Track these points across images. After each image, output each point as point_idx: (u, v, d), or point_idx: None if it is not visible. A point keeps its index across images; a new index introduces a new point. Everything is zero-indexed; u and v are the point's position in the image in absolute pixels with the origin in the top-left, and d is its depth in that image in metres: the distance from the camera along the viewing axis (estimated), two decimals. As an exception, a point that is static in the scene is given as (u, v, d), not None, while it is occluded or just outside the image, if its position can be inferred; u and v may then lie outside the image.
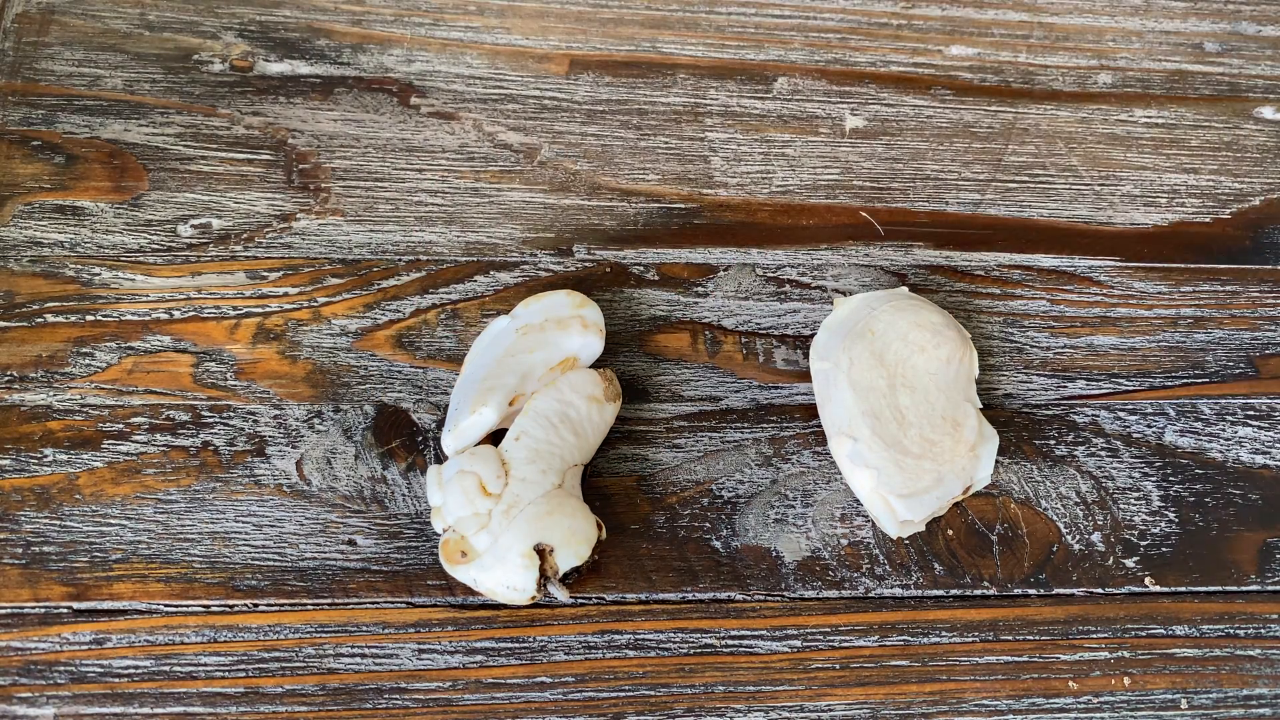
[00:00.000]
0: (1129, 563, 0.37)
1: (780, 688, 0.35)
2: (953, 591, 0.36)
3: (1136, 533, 0.37)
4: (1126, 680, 0.36)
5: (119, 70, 0.43)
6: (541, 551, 0.34)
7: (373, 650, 0.35)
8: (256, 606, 0.35)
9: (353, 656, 0.35)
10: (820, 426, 0.38)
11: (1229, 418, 0.39)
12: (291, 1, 0.45)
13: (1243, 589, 0.37)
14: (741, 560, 0.36)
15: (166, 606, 0.35)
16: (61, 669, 0.34)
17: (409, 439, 0.37)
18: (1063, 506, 0.38)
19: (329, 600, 0.35)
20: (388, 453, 0.37)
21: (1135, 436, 0.39)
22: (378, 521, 0.36)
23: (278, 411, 0.38)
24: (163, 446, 0.37)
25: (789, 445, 0.38)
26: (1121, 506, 0.38)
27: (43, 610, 0.35)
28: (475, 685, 0.35)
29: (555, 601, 0.35)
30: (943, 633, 0.36)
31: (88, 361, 0.38)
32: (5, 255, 0.39)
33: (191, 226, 0.40)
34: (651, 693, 0.35)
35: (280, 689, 0.34)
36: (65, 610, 0.35)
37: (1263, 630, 0.36)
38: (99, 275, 0.39)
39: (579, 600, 0.36)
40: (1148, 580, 0.37)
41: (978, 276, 0.41)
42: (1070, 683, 0.35)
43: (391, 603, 0.35)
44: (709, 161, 0.43)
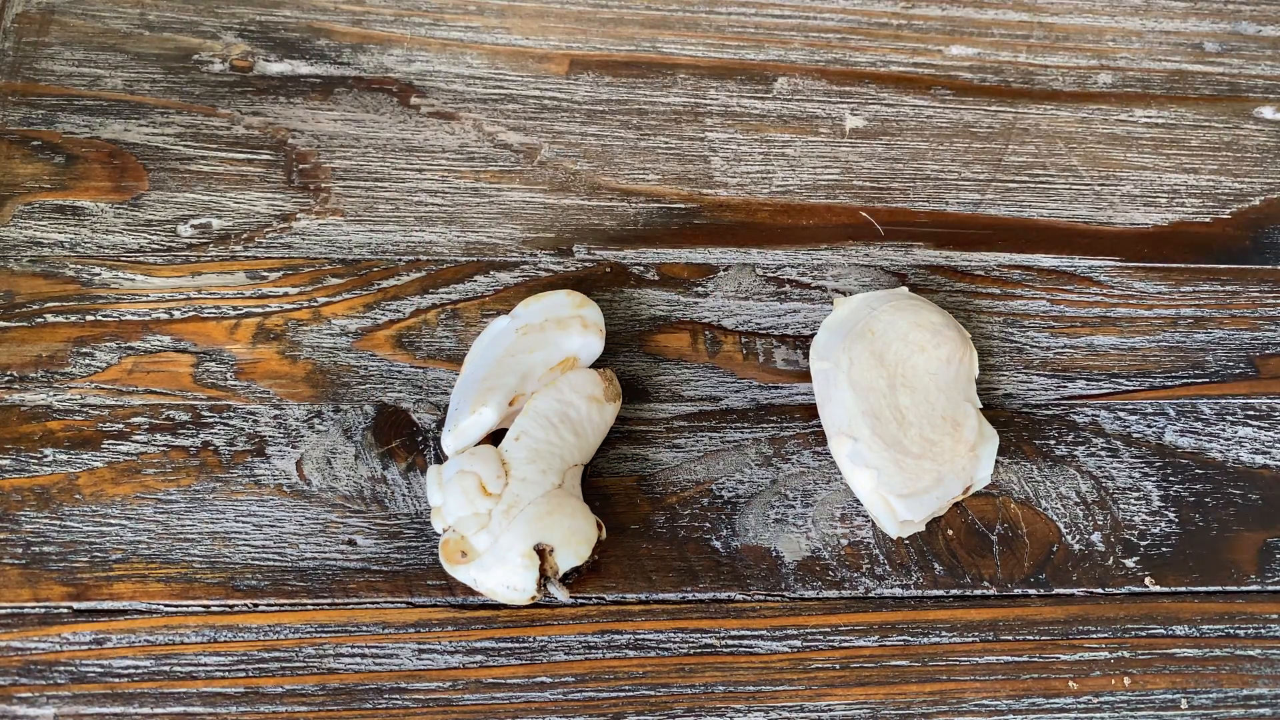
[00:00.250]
0: (1129, 563, 0.37)
1: (780, 688, 0.35)
2: (953, 591, 0.36)
3: (1136, 533, 0.37)
4: (1126, 680, 0.36)
5: (119, 70, 0.43)
6: (541, 551, 0.34)
7: (373, 650, 0.35)
8: (256, 606, 0.35)
9: (353, 656, 0.35)
10: (820, 426, 0.38)
11: (1229, 418, 0.39)
12: (291, 1, 0.45)
13: (1243, 589, 0.37)
14: (741, 560, 0.36)
15: (166, 606, 0.35)
16: (61, 669, 0.34)
17: (409, 439, 0.37)
18: (1063, 506, 0.38)
19: (329, 600, 0.35)
20: (388, 453, 0.37)
21: (1135, 436, 0.39)
22: (378, 521, 0.36)
23: (278, 411, 0.38)
24: (163, 446, 0.37)
25: (789, 445, 0.38)
26: (1121, 506, 0.38)
27: (43, 610, 0.35)
28: (475, 685, 0.35)
29: (555, 601, 0.35)
30: (943, 633, 0.36)
31: (88, 361, 0.38)
32: (5, 255, 0.39)
33: (191, 226, 0.40)
34: (651, 693, 0.35)
35: (280, 689, 0.34)
36: (65, 610, 0.35)
37: (1263, 630, 0.36)
38: (99, 275, 0.39)
39: (579, 600, 0.36)
40: (1148, 580, 0.37)
41: (978, 276, 0.41)
42: (1070, 683, 0.35)
43: (391, 603, 0.35)
44: (709, 161, 0.43)
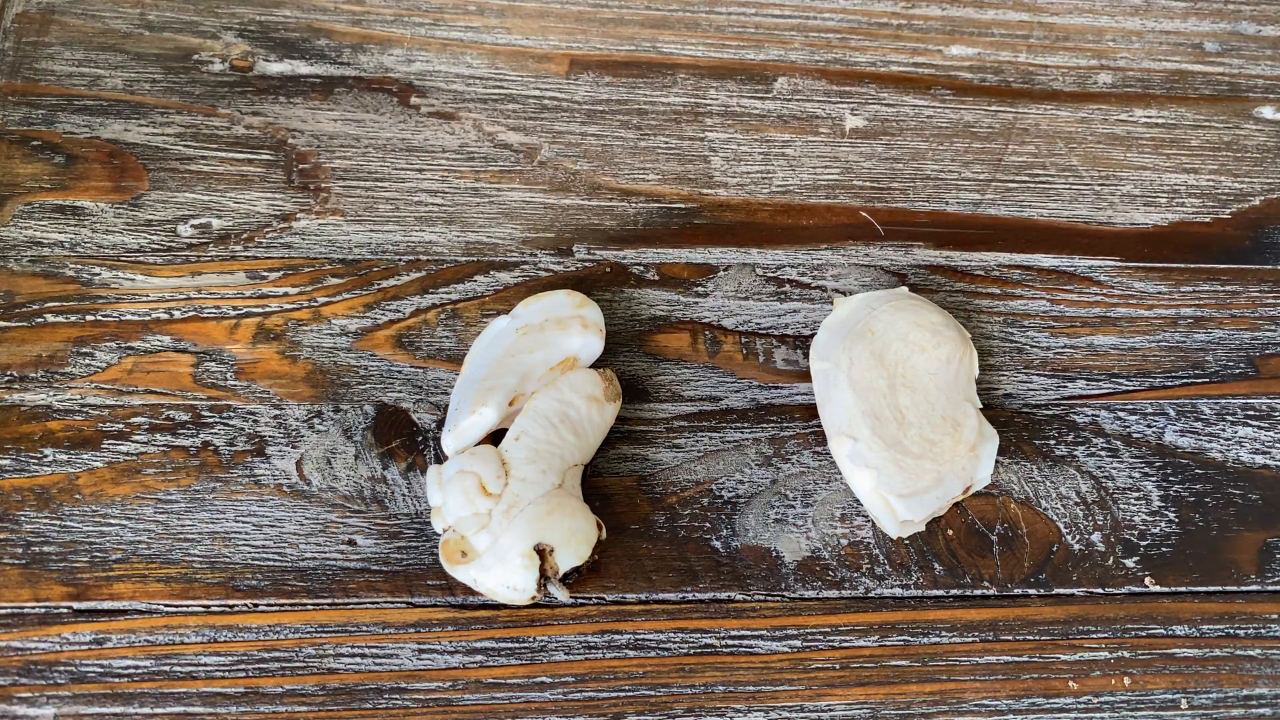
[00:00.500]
0: (1129, 563, 0.37)
1: (780, 688, 0.35)
2: (953, 591, 0.36)
3: (1136, 533, 0.37)
4: (1126, 680, 0.36)
5: (119, 70, 0.43)
6: (541, 551, 0.34)
7: (373, 650, 0.35)
8: (256, 606, 0.35)
9: (353, 656, 0.35)
10: (820, 426, 0.38)
11: (1229, 418, 0.39)
12: (291, 1, 0.45)
13: (1243, 589, 0.37)
14: (741, 560, 0.36)
15: (166, 606, 0.35)
16: (61, 669, 0.34)
17: (409, 439, 0.37)
18: (1063, 506, 0.38)
19: (329, 600, 0.35)
20: (388, 453, 0.37)
21: (1135, 436, 0.39)
22: (378, 521, 0.36)
23: (278, 411, 0.38)
24: (163, 446, 0.37)
25: (789, 445, 0.38)
26: (1121, 506, 0.38)
27: (43, 610, 0.35)
28: (475, 685, 0.34)
29: (555, 601, 0.35)
30: (943, 633, 0.36)
31: (88, 361, 0.38)
32: (5, 255, 0.39)
33: (191, 226, 0.40)
34: (651, 693, 0.35)
35: (280, 689, 0.34)
36: (65, 610, 0.35)
37: (1263, 630, 0.36)
38: (99, 275, 0.39)
39: (579, 600, 0.36)
40: (1148, 580, 0.37)
41: (978, 276, 0.41)
42: (1070, 683, 0.35)
43: (391, 603, 0.35)
44: (709, 161, 0.43)
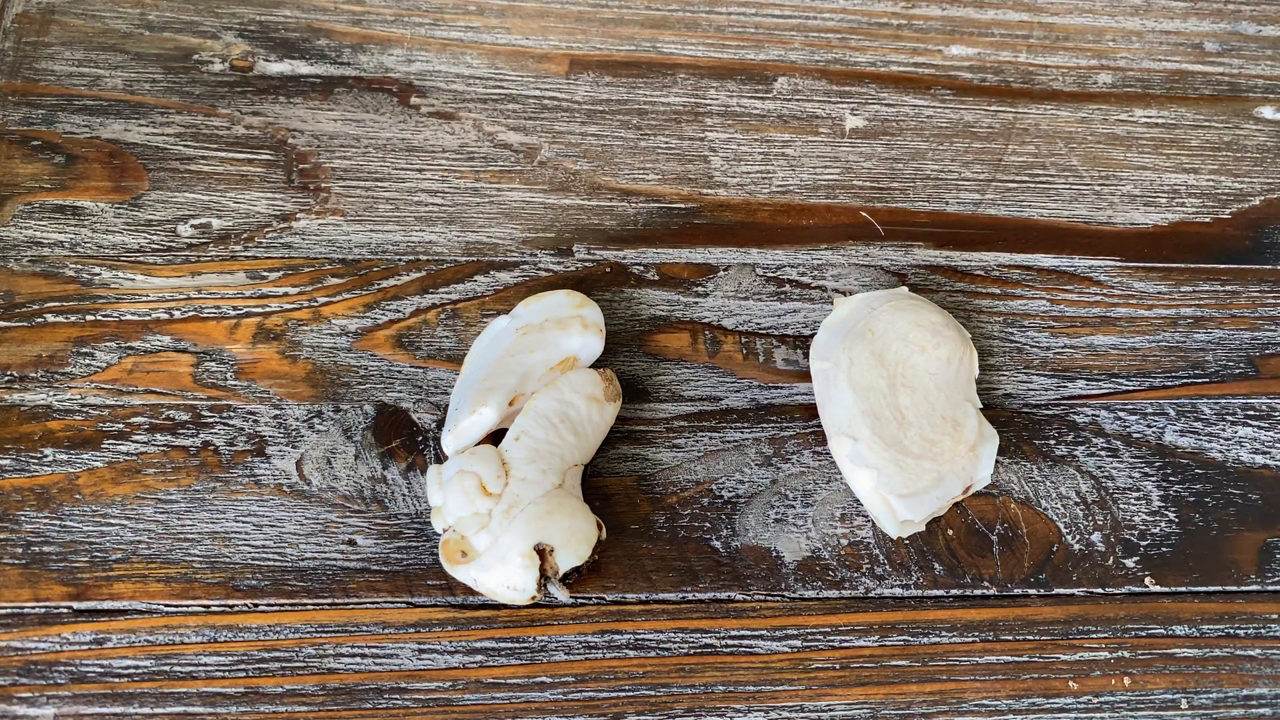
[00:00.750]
0: (1129, 563, 0.37)
1: (780, 688, 0.35)
2: (953, 591, 0.36)
3: (1136, 533, 0.37)
4: (1126, 680, 0.36)
5: (119, 70, 0.43)
6: (542, 551, 0.34)
7: (373, 650, 0.35)
8: (256, 606, 0.35)
9: (353, 656, 0.35)
10: (820, 426, 0.38)
11: (1229, 418, 0.39)
12: (291, 1, 0.45)
13: (1243, 589, 0.37)
14: (741, 560, 0.36)
15: (166, 606, 0.35)
16: (61, 669, 0.34)
17: (409, 439, 0.37)
18: (1063, 506, 0.38)
19: (329, 600, 0.35)
20: (388, 453, 0.37)
21: (1135, 436, 0.39)
22: (378, 521, 0.36)
23: (278, 411, 0.38)
24: (163, 446, 0.37)
25: (789, 445, 0.38)
26: (1121, 506, 0.38)
27: (43, 610, 0.35)
28: (475, 685, 0.34)
29: (555, 601, 0.35)
30: (943, 633, 0.36)
31: (88, 361, 0.38)
32: (5, 255, 0.39)
33: (191, 226, 0.40)
34: (651, 693, 0.35)
35: (280, 689, 0.34)
36: (65, 610, 0.35)
37: (1263, 630, 0.36)
38: (99, 275, 0.39)
39: (579, 600, 0.36)
40: (1148, 580, 0.37)
41: (978, 276, 0.41)
42: (1070, 683, 0.35)
43: (391, 603, 0.35)
44: (709, 161, 0.43)
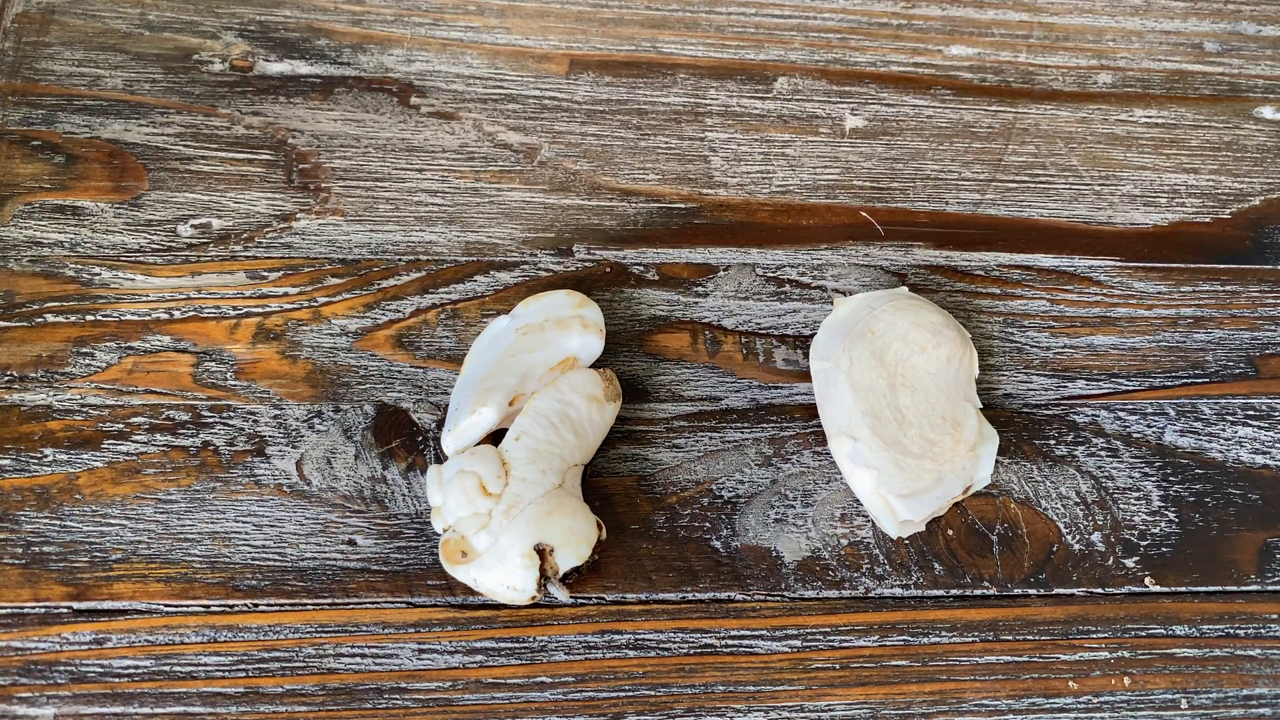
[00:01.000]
0: (1129, 563, 0.37)
1: (780, 688, 0.35)
2: (953, 591, 0.36)
3: (1136, 533, 0.37)
4: (1126, 680, 0.36)
5: (119, 70, 0.43)
6: (541, 551, 0.34)
7: (373, 650, 0.35)
8: (256, 606, 0.35)
9: (353, 656, 0.35)
10: (820, 426, 0.38)
11: (1229, 418, 0.39)
12: (291, 1, 0.45)
13: (1243, 589, 0.37)
14: (741, 560, 0.36)
15: (166, 606, 0.35)
16: (61, 669, 0.34)
17: (409, 439, 0.37)
18: (1063, 506, 0.38)
19: (329, 600, 0.35)
20: (388, 453, 0.37)
21: (1135, 436, 0.39)
22: (378, 521, 0.36)
23: (278, 411, 0.38)
24: (163, 446, 0.37)
25: (789, 445, 0.38)
26: (1121, 506, 0.38)
27: (43, 610, 0.35)
28: (475, 685, 0.35)
29: (555, 601, 0.35)
30: (943, 633, 0.36)
31: (88, 361, 0.38)
32: (5, 255, 0.39)
33: (191, 226, 0.40)
34: (651, 693, 0.35)
35: (280, 689, 0.34)
36: (65, 610, 0.35)
37: (1263, 630, 0.36)
38: (99, 275, 0.39)
39: (579, 600, 0.36)
40: (1148, 580, 0.37)
41: (978, 276, 0.41)
42: (1070, 683, 0.35)
43: (391, 603, 0.35)
44: (709, 161, 0.43)
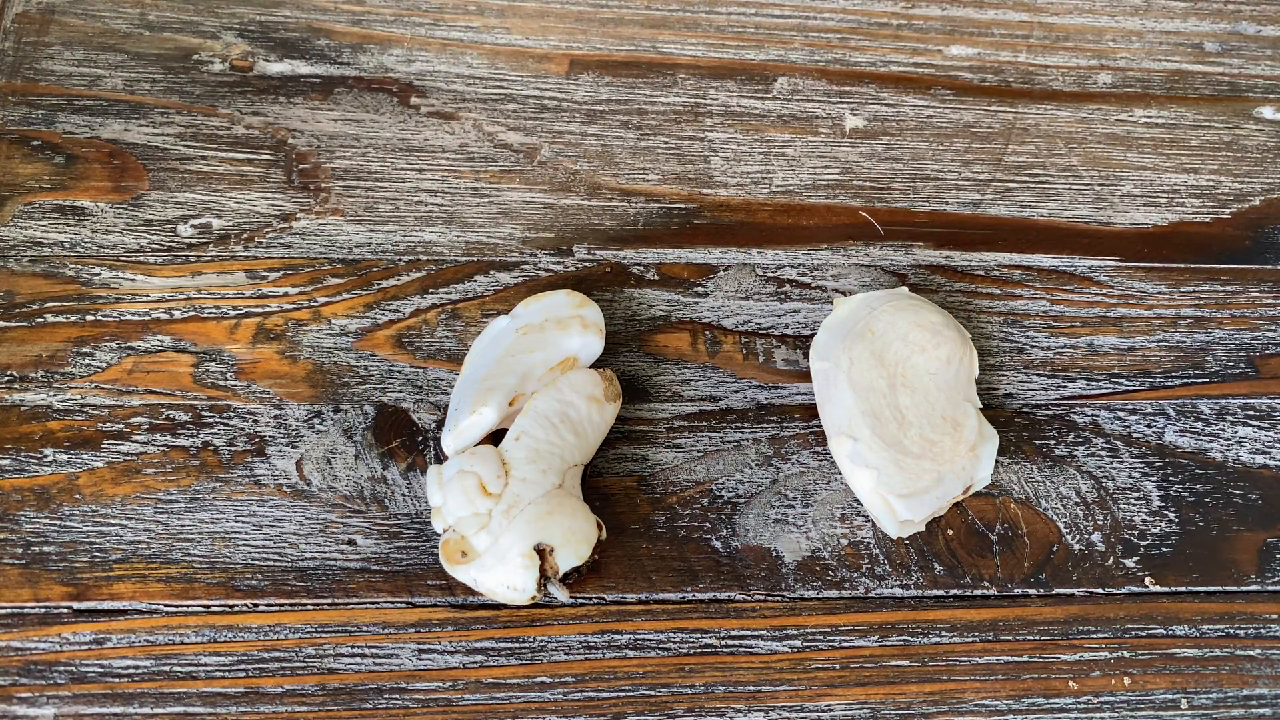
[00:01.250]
0: (1129, 563, 0.37)
1: (780, 688, 0.35)
2: (953, 591, 0.36)
3: (1136, 533, 0.37)
4: (1126, 680, 0.36)
5: (119, 70, 0.43)
6: (542, 551, 0.34)
7: (373, 650, 0.35)
8: (256, 606, 0.35)
9: (353, 656, 0.35)
10: (820, 426, 0.38)
11: (1229, 418, 0.39)
12: (291, 1, 0.45)
13: (1243, 589, 0.37)
14: (741, 560, 0.36)
15: (166, 606, 0.35)
16: (61, 669, 0.34)
17: (409, 439, 0.37)
18: (1063, 506, 0.38)
19: (329, 600, 0.35)
20: (388, 453, 0.37)
21: (1135, 436, 0.39)
22: (378, 521, 0.36)
23: (278, 411, 0.38)
24: (163, 446, 0.37)
25: (789, 445, 0.38)
26: (1121, 506, 0.38)
27: (43, 610, 0.35)
28: (475, 685, 0.35)
29: (555, 601, 0.35)
30: (943, 633, 0.36)
31: (88, 361, 0.38)
32: (5, 255, 0.39)
33: (191, 226, 0.40)
34: (651, 693, 0.35)
35: (280, 689, 0.34)
36: (65, 610, 0.35)
37: (1263, 630, 0.36)
38: (99, 275, 0.39)
39: (579, 600, 0.36)
40: (1148, 580, 0.37)
41: (978, 276, 0.41)
42: (1070, 683, 0.35)
43: (391, 603, 0.35)
44: (709, 161, 0.43)
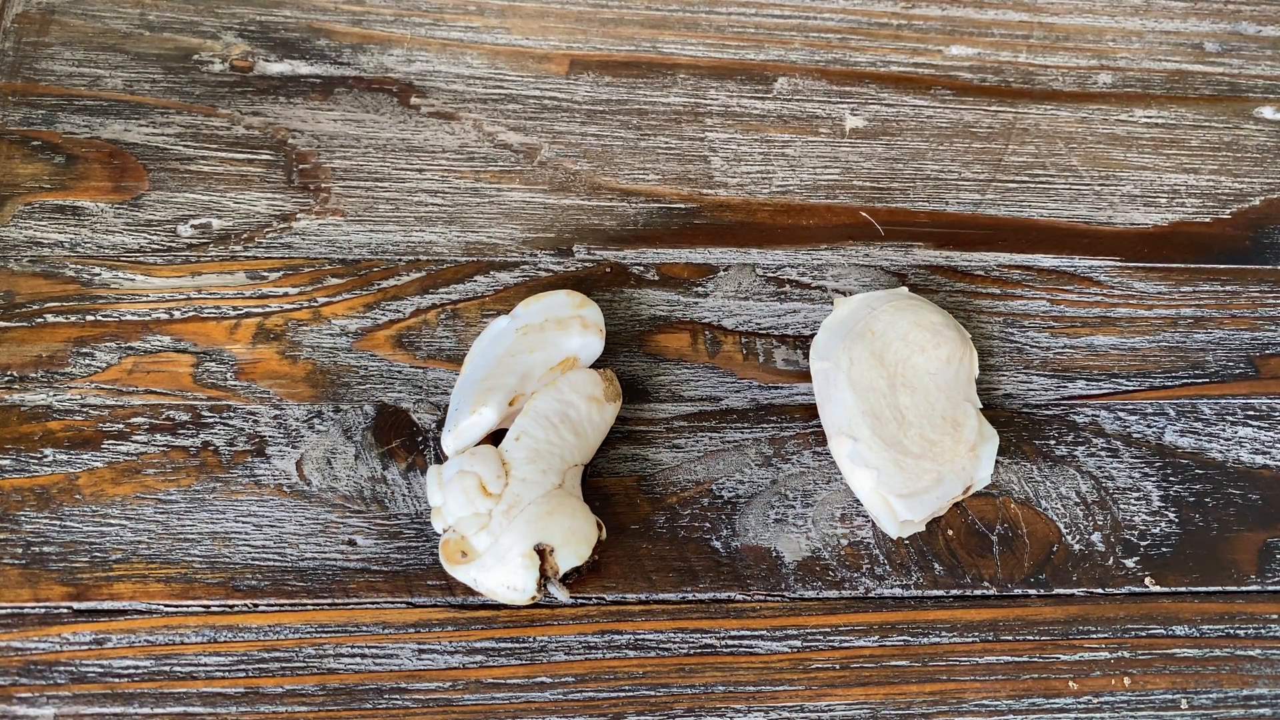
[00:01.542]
0: (1129, 563, 0.37)
1: (780, 688, 0.35)
2: (953, 591, 0.36)
3: (1136, 533, 0.37)
4: (1126, 680, 0.36)
5: (119, 70, 0.43)
6: (542, 551, 0.34)
7: (373, 650, 0.35)
8: (256, 606, 0.35)
9: (353, 656, 0.35)
10: (820, 426, 0.38)
11: (1229, 418, 0.39)
12: (291, 1, 0.45)
13: (1243, 589, 0.37)
14: (741, 560, 0.36)
15: (166, 606, 0.35)
16: (61, 669, 0.34)
17: (409, 439, 0.37)
18: (1063, 506, 0.38)
19: (329, 600, 0.35)
20: (388, 453, 0.37)
21: (1135, 436, 0.39)
22: (378, 521, 0.36)
23: (278, 411, 0.38)
24: (163, 446, 0.37)
25: (789, 445, 0.38)
26: (1121, 506, 0.38)
27: (43, 610, 0.35)
28: (475, 685, 0.35)
29: (555, 601, 0.35)
30: (943, 633, 0.36)
31: (88, 361, 0.38)
32: (5, 255, 0.39)
33: (191, 226, 0.40)
34: (651, 693, 0.35)
35: (280, 689, 0.34)
36: (65, 610, 0.35)
37: (1263, 630, 0.36)
38: (99, 275, 0.39)
39: (579, 600, 0.36)
40: (1148, 580, 0.37)
41: (978, 276, 0.41)
42: (1070, 683, 0.35)
43: (391, 603, 0.35)
44: (709, 161, 0.43)
